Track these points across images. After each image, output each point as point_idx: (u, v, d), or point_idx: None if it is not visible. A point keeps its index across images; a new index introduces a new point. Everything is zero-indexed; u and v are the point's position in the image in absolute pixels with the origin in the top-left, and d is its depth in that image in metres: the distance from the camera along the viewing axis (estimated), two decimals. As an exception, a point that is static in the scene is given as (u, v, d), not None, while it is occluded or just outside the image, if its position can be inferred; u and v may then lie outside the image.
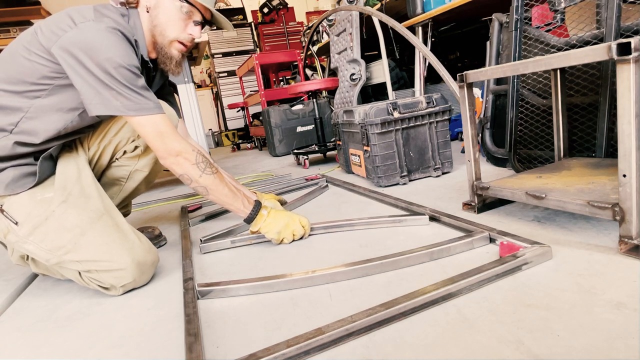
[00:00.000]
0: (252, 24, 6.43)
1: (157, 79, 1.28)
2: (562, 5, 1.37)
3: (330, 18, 3.24)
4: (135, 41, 1.03)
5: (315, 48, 3.97)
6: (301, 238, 1.24)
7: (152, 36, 1.10)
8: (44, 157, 1.03)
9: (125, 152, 1.26)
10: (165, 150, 1.03)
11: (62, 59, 0.94)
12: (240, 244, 1.27)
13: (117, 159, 1.27)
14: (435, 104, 1.73)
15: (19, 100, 0.97)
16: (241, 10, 6.42)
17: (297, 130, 3.53)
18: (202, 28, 1.15)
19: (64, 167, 1.07)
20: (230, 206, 1.14)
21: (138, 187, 1.34)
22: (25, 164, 1.01)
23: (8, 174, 0.98)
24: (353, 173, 2.12)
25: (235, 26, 6.21)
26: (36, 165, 1.01)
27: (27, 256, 1.12)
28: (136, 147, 1.26)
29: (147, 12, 1.07)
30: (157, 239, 1.40)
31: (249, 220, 1.16)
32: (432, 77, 3.04)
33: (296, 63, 4.30)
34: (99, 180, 1.23)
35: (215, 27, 1.21)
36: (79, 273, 1.04)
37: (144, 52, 1.10)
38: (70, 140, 1.13)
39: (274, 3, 6.08)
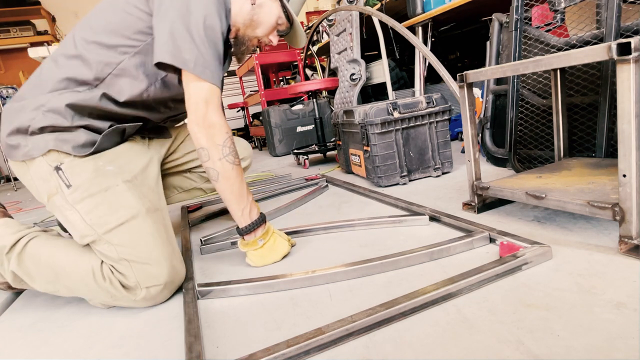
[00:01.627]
0: (252, 24, 6.42)
1: (226, 62, 1.20)
2: (562, 5, 1.37)
3: (330, 18, 3.25)
4: (229, 12, 1.02)
5: (315, 48, 3.97)
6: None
7: (242, 24, 1.08)
8: (115, 129, 1.01)
9: (193, 168, 1.34)
10: (203, 117, 0.95)
11: (158, 2, 0.92)
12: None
13: (189, 170, 1.34)
14: (435, 104, 1.73)
15: (108, 54, 0.95)
16: (241, 10, 6.41)
17: (297, 130, 3.53)
18: (280, 37, 1.21)
19: (134, 151, 1.07)
20: (232, 204, 1.03)
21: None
22: (100, 129, 0.99)
23: (80, 135, 0.95)
24: (353, 173, 2.12)
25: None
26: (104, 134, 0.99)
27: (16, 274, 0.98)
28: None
29: (252, 4, 1.08)
30: None
31: (242, 232, 1.06)
32: (432, 77, 3.04)
33: (296, 63, 4.30)
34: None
35: (282, 37, 1.24)
36: (101, 263, 0.93)
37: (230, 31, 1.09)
38: (148, 128, 1.15)
39: (274, 3, 6.07)
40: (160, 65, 0.94)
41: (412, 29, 2.62)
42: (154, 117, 1.13)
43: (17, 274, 0.96)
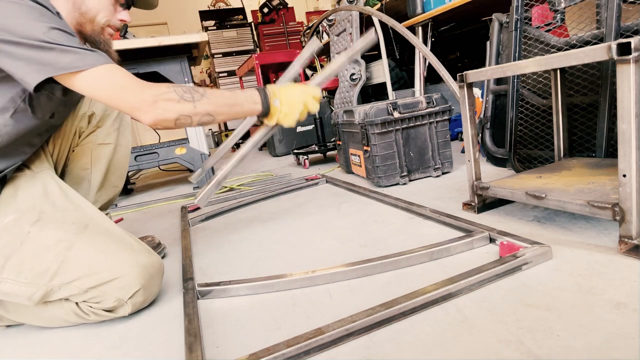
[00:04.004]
0: (252, 24, 6.43)
1: None
2: (562, 5, 1.37)
3: (330, 18, 3.24)
4: (58, 13, 0.87)
5: (315, 48, 3.97)
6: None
7: (77, 24, 0.97)
8: None
9: (80, 135, 1.12)
10: (139, 102, 0.83)
11: None
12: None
13: (75, 146, 1.13)
14: (435, 104, 1.73)
15: None
16: (241, 10, 6.42)
17: (297, 130, 3.53)
18: (129, 9, 1.06)
19: (22, 186, 0.92)
20: (241, 110, 0.97)
21: (108, 178, 1.18)
22: None
23: None
24: (353, 173, 2.12)
25: (235, 26, 6.22)
26: None
27: None
28: (91, 116, 1.12)
29: None
30: (157, 249, 1.29)
31: (265, 113, 1.01)
32: (432, 77, 3.04)
33: (296, 63, 4.29)
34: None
35: (133, 6, 1.08)
36: (76, 304, 0.88)
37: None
38: (22, 161, 0.97)
39: (274, 3, 6.08)
40: (38, 87, 0.79)
41: (412, 29, 2.62)
42: (23, 152, 0.97)
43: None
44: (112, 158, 1.21)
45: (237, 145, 5.07)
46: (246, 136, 1.36)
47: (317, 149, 2.74)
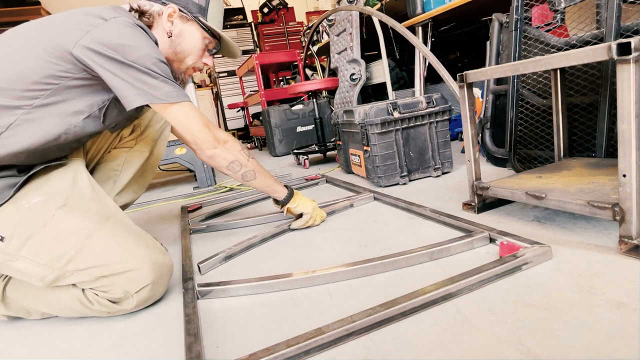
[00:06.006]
0: (252, 24, 6.43)
1: None
2: (562, 5, 1.37)
3: (330, 18, 3.24)
4: (156, 42, 1.00)
5: (315, 48, 3.97)
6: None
7: (167, 59, 1.07)
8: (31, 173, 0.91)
9: (121, 139, 1.19)
10: (215, 139, 1.04)
11: (91, 55, 0.86)
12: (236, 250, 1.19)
13: (112, 148, 1.20)
14: (435, 104, 1.73)
15: (16, 101, 0.86)
16: (241, 10, 6.41)
17: (297, 130, 3.53)
18: (214, 55, 1.19)
19: (54, 173, 0.95)
20: (272, 187, 1.24)
21: (132, 183, 1.24)
22: (10, 175, 0.88)
23: None
24: (353, 173, 2.12)
25: (235, 26, 6.21)
26: (20, 177, 0.89)
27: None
28: (137, 124, 1.21)
29: (169, 37, 1.05)
30: None
31: (288, 199, 1.27)
32: (432, 77, 3.04)
33: (296, 63, 4.30)
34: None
35: (221, 55, 1.21)
36: (82, 291, 0.90)
37: None
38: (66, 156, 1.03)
39: (274, 3, 6.08)
40: (135, 108, 0.92)
41: (412, 29, 2.62)
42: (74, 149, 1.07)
43: (9, 315, 0.97)
44: (143, 166, 1.28)
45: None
46: (246, 136, 1.42)
47: (317, 149, 2.74)
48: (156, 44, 0.99)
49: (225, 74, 6.17)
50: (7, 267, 0.86)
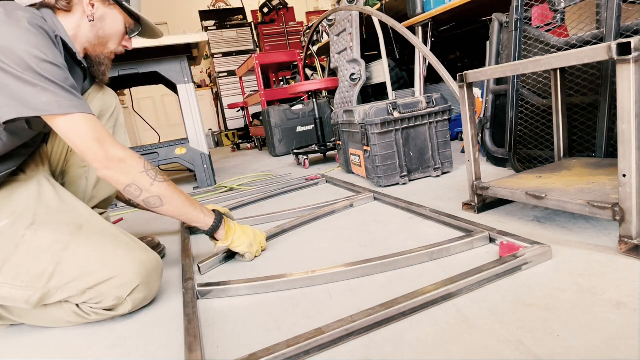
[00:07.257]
0: (252, 24, 6.43)
1: (87, 83, 1.15)
2: (562, 5, 1.37)
3: (330, 18, 3.24)
4: (58, 37, 0.90)
5: (315, 48, 3.97)
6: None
7: (89, 44, 1.02)
8: None
9: None
10: (106, 158, 0.86)
11: None
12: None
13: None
14: (435, 104, 1.73)
15: None
16: (241, 10, 6.41)
17: (297, 130, 3.53)
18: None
19: (16, 190, 0.92)
20: (189, 216, 1.01)
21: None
22: None
23: None
24: (353, 173, 2.12)
25: (235, 26, 6.22)
26: None
27: None
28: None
29: (90, 21, 0.98)
30: (156, 249, 1.28)
31: (213, 229, 1.04)
32: (432, 77, 3.04)
33: (296, 63, 4.30)
34: (62, 183, 1.11)
35: (139, 36, 1.15)
36: (77, 306, 0.88)
37: (77, 51, 1.00)
38: (16, 165, 0.96)
39: (274, 3, 6.08)
40: (10, 121, 0.80)
41: (412, 29, 2.62)
42: (20, 160, 0.97)
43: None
44: None
45: (237, 146, 5.09)
46: (246, 136, 1.35)
47: (317, 149, 2.74)
48: (56, 42, 0.87)
49: (225, 74, 6.17)
50: None
